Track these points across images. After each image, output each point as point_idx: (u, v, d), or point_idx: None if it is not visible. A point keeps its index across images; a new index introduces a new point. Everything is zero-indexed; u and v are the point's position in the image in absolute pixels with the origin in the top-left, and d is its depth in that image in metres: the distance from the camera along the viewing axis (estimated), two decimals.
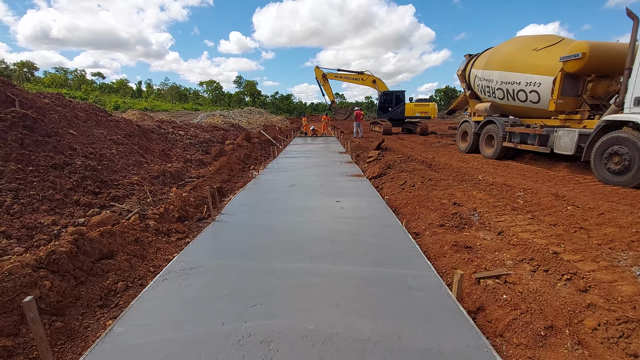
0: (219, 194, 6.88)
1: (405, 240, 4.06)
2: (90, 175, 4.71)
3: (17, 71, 72.14)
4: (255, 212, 5.22)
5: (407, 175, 7.44)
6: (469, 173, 7.77)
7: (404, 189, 6.56)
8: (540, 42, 8.83)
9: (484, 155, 10.04)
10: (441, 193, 6.07)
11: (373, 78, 23.80)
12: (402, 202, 5.83)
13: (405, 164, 9.18)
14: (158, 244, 4.08)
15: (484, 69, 10.44)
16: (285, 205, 5.60)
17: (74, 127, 6.00)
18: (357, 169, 9.08)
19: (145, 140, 7.77)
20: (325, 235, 4.20)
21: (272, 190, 6.75)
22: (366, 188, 6.86)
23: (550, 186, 6.36)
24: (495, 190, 6.20)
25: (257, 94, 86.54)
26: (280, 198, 6.09)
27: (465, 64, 12.43)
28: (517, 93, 8.91)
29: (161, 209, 4.71)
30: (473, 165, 8.74)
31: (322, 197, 6.09)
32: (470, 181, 6.99)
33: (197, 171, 7.64)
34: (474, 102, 12.11)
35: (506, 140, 9.09)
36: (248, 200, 5.99)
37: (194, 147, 9.98)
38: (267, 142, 16.14)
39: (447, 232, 4.30)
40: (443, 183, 6.79)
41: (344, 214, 5.10)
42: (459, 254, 3.63)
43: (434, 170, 8.35)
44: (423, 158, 10.21)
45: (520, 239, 3.91)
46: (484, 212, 4.89)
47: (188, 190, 5.99)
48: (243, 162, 10.49)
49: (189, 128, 12.33)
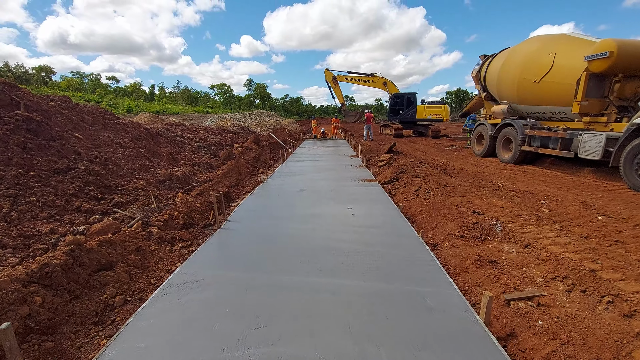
0: (226, 199, 6.70)
1: (423, 252, 3.76)
2: (93, 180, 4.57)
3: (35, 75, 74.33)
4: (262, 219, 5.00)
5: (421, 180, 7.13)
6: (486, 178, 7.40)
7: (418, 195, 6.25)
8: (558, 42, 8.40)
9: (501, 160, 9.62)
10: (458, 200, 5.74)
11: (384, 80, 23.48)
12: (417, 210, 5.52)
13: (419, 169, 8.85)
14: (161, 253, 3.89)
15: (500, 70, 10.04)
16: (294, 212, 5.37)
17: (80, 131, 5.91)
18: (368, 173, 8.79)
19: (152, 143, 7.67)
20: (335, 246, 3.94)
21: (281, 195, 6.53)
22: (378, 194, 6.58)
23: (577, 193, 5.96)
24: (517, 198, 5.83)
25: (267, 97, 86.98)
26: (289, 204, 5.86)
27: (480, 65, 12.03)
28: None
29: (165, 215, 4.53)
30: (490, 170, 8.35)
31: (332, 204, 5.83)
32: (489, 187, 6.62)
33: (204, 175, 7.49)
34: (490, 104, 11.69)
35: (525, 144, 8.66)
36: (255, 206, 5.78)
37: (202, 150, 9.86)
38: (277, 145, 15.99)
39: (468, 243, 3.98)
40: (460, 189, 6.45)
41: (355, 222, 4.83)
42: (483, 269, 3.32)
43: (449, 175, 8.00)
44: (437, 162, 9.85)
45: (550, 253, 3.57)
46: (507, 222, 4.54)
47: (194, 195, 5.82)
48: (252, 166, 10.32)
49: (198, 131, 12.26)
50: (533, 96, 8.81)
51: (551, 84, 8.12)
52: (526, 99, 9.09)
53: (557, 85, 7.99)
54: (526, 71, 8.88)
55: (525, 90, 8.98)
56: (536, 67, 8.52)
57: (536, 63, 8.53)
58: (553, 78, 8.06)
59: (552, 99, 8.27)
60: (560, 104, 8.08)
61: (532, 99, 8.90)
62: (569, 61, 7.70)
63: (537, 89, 8.50)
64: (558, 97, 8.07)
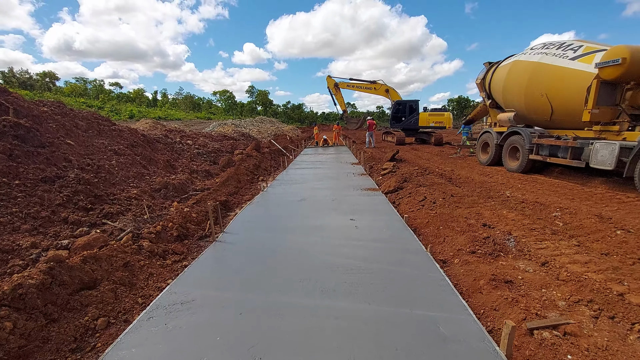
0: (224, 208, 6.46)
1: (432, 270, 3.50)
2: (83, 190, 4.34)
3: (39, 81, 74.96)
4: (260, 231, 4.75)
5: (426, 190, 6.87)
6: (494, 188, 7.14)
7: (424, 206, 5.99)
8: (564, 49, 8.21)
9: (508, 169, 9.37)
10: (467, 212, 5.48)
11: (386, 87, 23.38)
12: (423, 222, 5.26)
13: (423, 177, 8.60)
14: (151, 269, 3.64)
15: (506, 78, 9.85)
16: (294, 224, 5.12)
17: (73, 137, 5.71)
18: (371, 182, 8.55)
19: (149, 150, 7.46)
20: (338, 262, 3.68)
21: (281, 205, 6.28)
22: (382, 204, 6.32)
23: (590, 205, 5.69)
24: (528, 210, 5.56)
25: (269, 104, 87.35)
26: (289, 215, 5.61)
27: (485, 73, 11.86)
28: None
29: (158, 227, 4.29)
30: (497, 180, 8.09)
31: (334, 214, 5.58)
32: (497, 198, 6.36)
33: (202, 183, 7.26)
34: (495, 112, 11.48)
35: (533, 153, 8.42)
36: (254, 216, 5.53)
37: (201, 157, 9.65)
38: (278, 152, 15.80)
39: (481, 260, 3.71)
40: (467, 200, 6.19)
41: (358, 235, 4.57)
42: (499, 290, 3.05)
43: (455, 184, 7.75)
44: (441, 171, 9.61)
45: (571, 272, 3.30)
46: (521, 237, 4.28)
47: (190, 205, 5.58)
48: (252, 173, 10.10)
49: (197, 137, 12.07)
50: (541, 104, 8.59)
51: (560, 92, 7.91)
52: (534, 106, 8.87)
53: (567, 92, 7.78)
54: (534, 79, 8.68)
55: (533, 98, 8.77)
56: (544, 76, 8.32)
57: (544, 71, 8.34)
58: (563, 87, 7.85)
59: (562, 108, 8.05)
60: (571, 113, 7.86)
61: (540, 107, 8.68)
62: (579, 68, 7.49)
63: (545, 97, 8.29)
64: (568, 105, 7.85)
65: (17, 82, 70.07)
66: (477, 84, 12.44)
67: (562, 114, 8.04)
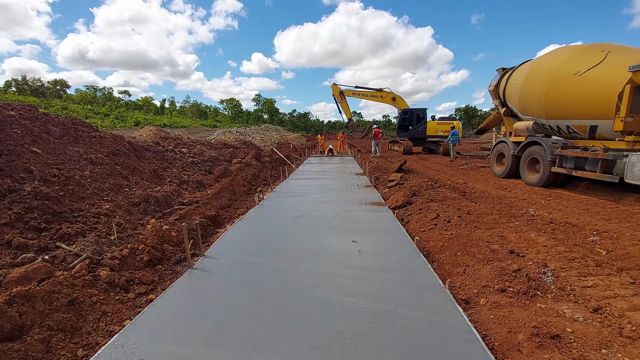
0: (213, 224, 5.81)
1: (453, 315, 2.77)
2: (39, 206, 3.75)
3: (50, 88, 76.36)
4: (246, 256, 4.06)
5: (439, 206, 6.15)
6: (515, 205, 6.38)
7: (437, 225, 5.26)
8: (587, 53, 7.51)
9: (526, 182, 8.59)
10: (488, 234, 4.74)
11: (393, 95, 22.82)
12: (437, 245, 4.53)
13: (434, 191, 7.87)
14: (106, 306, 2.97)
15: (523, 84, 9.15)
16: (287, 246, 4.43)
17: (41, 144, 5.16)
18: (376, 195, 7.84)
19: (134, 159, 6.88)
20: (335, 301, 2.98)
21: (275, 222, 5.61)
22: (389, 222, 5.60)
23: (633, 228, 4.90)
24: (560, 232, 4.80)
25: (275, 112, 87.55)
26: (283, 235, 4.93)
27: (499, 79, 11.18)
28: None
29: (125, 250, 3.64)
30: (517, 195, 7.32)
31: (333, 235, 4.88)
32: (520, 217, 5.60)
33: (192, 195, 6.64)
34: (510, 121, 10.75)
35: (556, 165, 7.65)
36: (242, 236, 4.86)
37: (195, 166, 9.07)
38: (280, 160, 15.21)
39: (514, 302, 2.97)
40: (487, 219, 5.45)
41: (361, 263, 3.86)
42: (545, 350, 2.31)
43: (470, 199, 7.00)
44: (453, 183, 8.86)
45: (636, 324, 2.55)
46: (559, 269, 3.53)
47: (172, 222, 4.93)
48: (249, 184, 9.47)
49: (195, 145, 11.54)
50: (563, 110, 7.86)
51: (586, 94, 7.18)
52: (555, 113, 8.13)
53: (592, 96, 7.05)
54: (554, 85, 7.97)
55: (554, 104, 8.04)
56: (566, 80, 7.61)
57: (566, 75, 7.63)
58: (589, 87, 7.13)
59: (587, 112, 7.30)
60: (597, 117, 7.11)
61: (562, 113, 7.94)
62: (607, 72, 6.78)
63: (568, 100, 7.56)
64: (593, 109, 7.11)
65: (29, 89, 71.46)
66: (489, 91, 11.75)
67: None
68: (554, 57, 8.58)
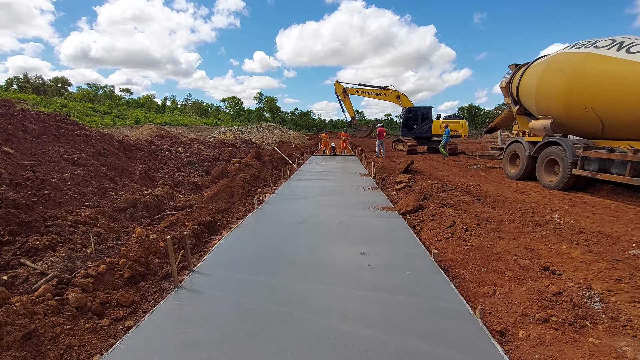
0: (208, 230, 5.34)
1: (491, 354, 2.27)
2: (3, 214, 3.27)
3: (52, 86, 76.16)
4: (241, 272, 3.58)
5: (453, 211, 5.64)
6: (536, 211, 5.86)
7: (453, 234, 4.76)
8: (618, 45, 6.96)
9: (544, 184, 8.06)
10: (513, 245, 4.23)
11: (397, 93, 22.23)
12: (457, 258, 4.03)
13: (446, 194, 7.37)
14: (73, 337, 2.49)
15: (539, 81, 8.60)
16: (288, 259, 3.94)
17: (16, 143, 4.70)
18: (384, 198, 7.33)
19: (123, 159, 6.40)
20: (343, 332, 2.49)
21: (275, 229, 5.12)
22: (400, 230, 5.10)
23: None
24: (594, 244, 4.28)
25: (276, 110, 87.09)
26: (283, 244, 4.44)
27: (511, 76, 10.63)
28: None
29: (102, 266, 3.16)
30: (536, 199, 6.80)
31: (339, 245, 4.39)
32: (545, 225, 5.09)
33: (186, 198, 6.16)
34: (524, 120, 10.21)
35: (577, 167, 7.11)
36: (238, 246, 4.37)
37: (192, 166, 8.59)
38: (281, 160, 14.73)
39: (560, 336, 2.47)
40: (509, 227, 4.94)
41: (374, 281, 3.36)
42: None
43: (486, 204, 6.48)
44: (465, 186, 8.34)
45: None
46: (606, 292, 3.02)
47: (161, 229, 4.46)
48: (249, 185, 8.99)
49: (192, 144, 11.05)
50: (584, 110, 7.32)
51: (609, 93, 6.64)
52: (575, 113, 7.59)
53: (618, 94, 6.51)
54: (575, 81, 7.43)
55: (574, 103, 7.50)
56: (588, 77, 7.07)
57: (588, 72, 7.08)
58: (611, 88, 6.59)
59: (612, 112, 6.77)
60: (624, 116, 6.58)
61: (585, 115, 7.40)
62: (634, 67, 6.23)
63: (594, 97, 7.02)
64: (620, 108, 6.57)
65: (31, 87, 71.33)
66: (501, 88, 11.20)
67: (617, 122, 6.75)
68: (575, 50, 8.02)
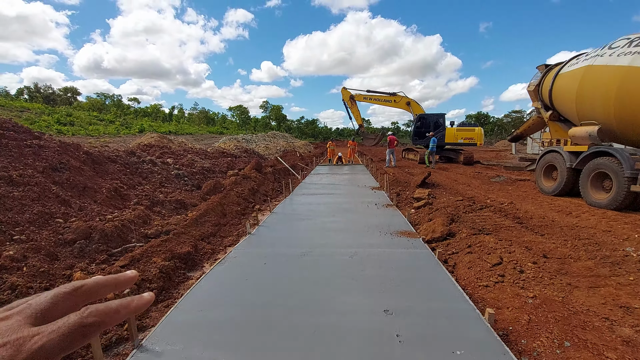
0: (185, 265, 4.27)
1: None
2: None
3: (61, 96, 77.18)
4: (213, 346, 2.44)
5: (495, 241, 4.47)
6: (599, 240, 4.63)
7: (504, 278, 3.58)
8: None
9: (590, 202, 6.82)
10: (597, 300, 3.03)
11: (407, 100, 21.16)
12: (520, 320, 2.86)
13: (476, 215, 6.18)
14: None
15: (581, 82, 7.43)
16: (281, 318, 2.80)
17: None
18: (402, 220, 6.16)
19: (89, 174, 5.38)
20: None
21: (270, 264, 3.99)
22: (429, 267, 3.93)
23: None
24: None
25: (282, 119, 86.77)
26: (277, 292, 3.30)
27: (541, 78, 9.48)
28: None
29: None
30: (591, 223, 5.55)
31: (354, 293, 3.24)
32: (622, 262, 3.87)
33: (164, 222, 5.09)
34: (558, 126, 9.00)
35: (637, 183, 5.88)
36: (212, 298, 3.24)
37: (180, 180, 7.57)
38: (284, 170, 13.67)
39: None
40: (577, 267, 3.74)
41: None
42: None
43: (532, 229, 5.27)
44: (496, 203, 7.12)
45: None
46: None
47: (116, 270, 3.37)
48: (245, 201, 7.92)
49: (185, 154, 10.04)
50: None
51: None
52: (629, 118, 6.39)
53: None
54: (630, 81, 6.25)
55: (629, 106, 6.31)
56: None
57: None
58: None
59: None
60: None
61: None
62: None
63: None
64: None
65: (41, 97, 72.33)
66: (529, 92, 10.04)
67: None
68: (628, 46, 6.85)
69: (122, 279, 0.40)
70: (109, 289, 0.38)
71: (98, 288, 0.37)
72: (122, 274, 0.41)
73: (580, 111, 7.54)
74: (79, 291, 0.35)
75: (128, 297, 0.37)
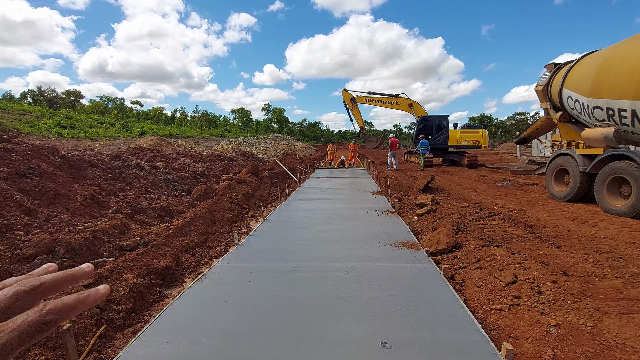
0: (162, 282, 3.87)
1: None
2: None
3: (64, 99, 77.50)
4: None
5: (507, 254, 4.02)
6: (623, 253, 4.16)
7: (520, 300, 3.14)
8: None
9: (607, 209, 6.34)
10: (632, 330, 2.58)
11: (409, 101, 20.75)
12: (543, 354, 2.41)
13: (484, 223, 5.72)
14: None
15: (594, 80, 6.97)
16: (261, 350, 2.37)
17: None
18: (403, 228, 5.73)
19: (63, 180, 4.99)
20: None
21: (254, 282, 3.57)
22: (434, 286, 3.49)
23: None
24: None
25: (284, 121, 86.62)
26: (260, 315, 2.87)
27: (550, 77, 9.03)
28: None
29: None
30: (612, 233, 5.07)
31: (347, 320, 2.81)
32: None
33: (144, 231, 4.69)
34: (569, 128, 8.54)
35: None
36: (190, 319, 2.82)
37: (169, 185, 7.17)
38: (283, 174, 13.27)
39: None
40: (603, 287, 3.28)
41: None
42: None
43: (545, 240, 4.81)
44: (504, 210, 6.66)
45: None
46: None
47: (78, 289, 2.94)
48: (238, 207, 7.51)
49: (177, 158, 9.64)
50: None
51: None
52: None
53: None
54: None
55: None
56: None
57: None
58: None
59: None
60: None
61: None
62: None
63: None
64: None
65: (44, 100, 72.67)
66: (537, 92, 9.59)
67: None
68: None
69: (79, 273, 0.41)
70: (66, 284, 0.40)
71: (56, 285, 0.38)
72: (78, 267, 0.42)
73: (598, 92, 6.90)
74: (37, 290, 0.37)
75: (85, 291, 0.39)
